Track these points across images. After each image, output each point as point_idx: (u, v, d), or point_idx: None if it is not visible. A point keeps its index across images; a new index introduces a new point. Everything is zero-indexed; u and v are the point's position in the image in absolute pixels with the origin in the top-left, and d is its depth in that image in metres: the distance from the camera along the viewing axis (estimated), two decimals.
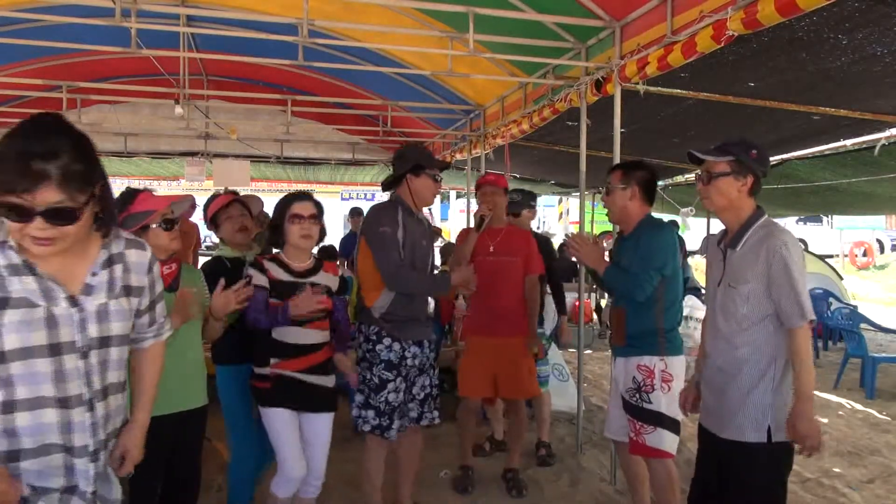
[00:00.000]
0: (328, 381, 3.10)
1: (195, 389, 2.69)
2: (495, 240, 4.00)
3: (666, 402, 3.03)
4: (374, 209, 3.47)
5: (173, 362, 2.54)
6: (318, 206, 3.08)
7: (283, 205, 3.02)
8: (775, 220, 2.57)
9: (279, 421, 2.96)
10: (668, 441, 3.05)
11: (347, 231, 9.19)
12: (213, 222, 3.38)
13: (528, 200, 4.77)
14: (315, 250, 3.31)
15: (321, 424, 3.09)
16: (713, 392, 2.60)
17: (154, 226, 2.51)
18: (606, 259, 3.34)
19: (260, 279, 2.94)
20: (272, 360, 2.95)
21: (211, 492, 3.74)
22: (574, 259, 4.11)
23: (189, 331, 2.61)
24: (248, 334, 3.01)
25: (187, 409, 2.63)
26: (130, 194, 2.55)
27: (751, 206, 2.52)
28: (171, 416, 2.54)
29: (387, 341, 3.28)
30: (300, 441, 3.01)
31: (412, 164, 3.35)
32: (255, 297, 2.89)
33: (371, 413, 3.28)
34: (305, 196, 3.06)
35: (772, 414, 2.42)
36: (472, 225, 4.06)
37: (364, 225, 3.40)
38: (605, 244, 3.62)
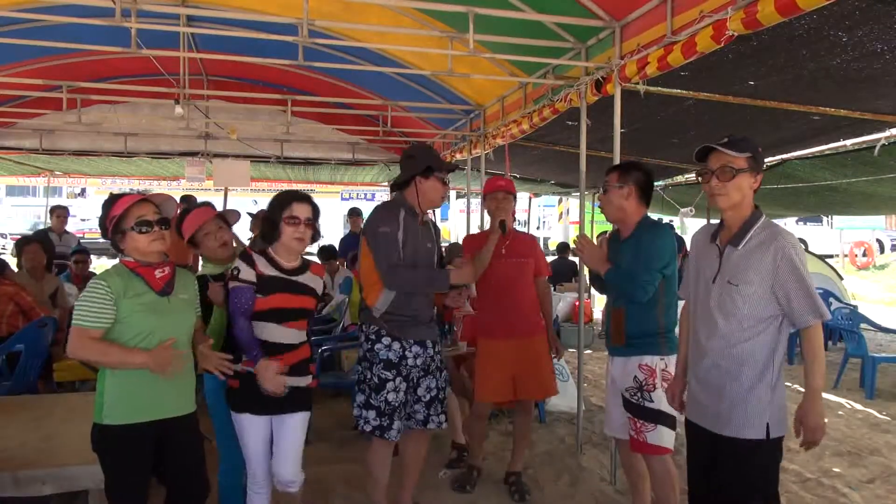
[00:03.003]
0: (303, 381, 3.01)
1: (184, 396, 2.65)
2: (506, 243, 3.99)
3: (665, 400, 3.07)
4: (376, 209, 3.45)
5: None
6: (316, 208, 3.02)
7: (282, 202, 2.94)
8: (774, 221, 2.57)
9: (249, 427, 2.91)
10: (667, 438, 3.11)
11: (347, 231, 9.19)
12: (191, 241, 3.23)
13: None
14: (315, 249, 3.29)
15: (293, 425, 2.98)
16: (709, 390, 2.59)
17: (131, 229, 2.49)
18: None
19: (247, 273, 2.86)
20: (244, 357, 2.86)
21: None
22: (575, 259, 4.07)
23: (179, 338, 2.58)
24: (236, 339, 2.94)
25: (176, 416, 2.59)
26: (111, 200, 2.55)
27: (751, 205, 2.55)
28: (159, 422, 2.53)
29: (386, 340, 3.27)
30: (270, 444, 2.98)
31: (423, 167, 3.33)
32: (242, 291, 2.83)
33: (372, 413, 3.26)
34: (304, 197, 3.00)
35: (770, 411, 2.44)
36: (475, 227, 4.04)
37: (365, 225, 3.39)
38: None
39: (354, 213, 9.41)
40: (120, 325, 2.46)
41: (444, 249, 7.02)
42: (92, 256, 7.56)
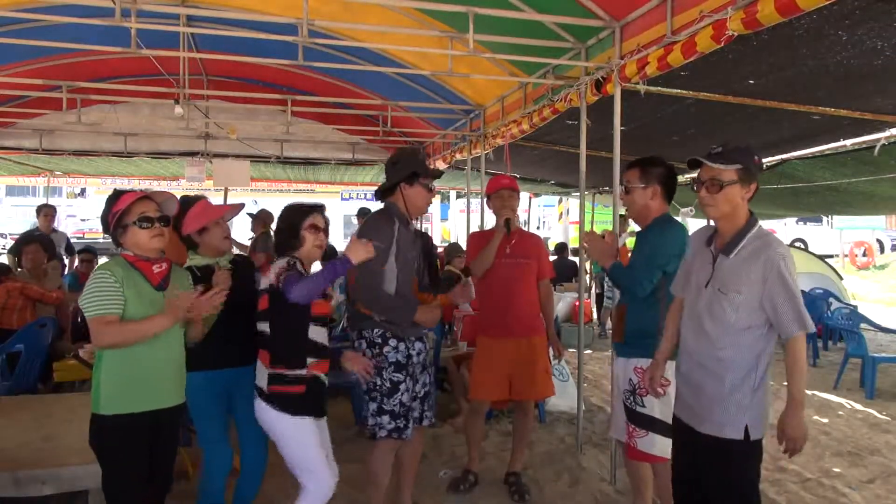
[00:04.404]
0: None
1: (175, 387, 2.68)
2: (510, 242, 3.99)
3: (660, 406, 3.00)
4: (372, 219, 3.43)
5: (155, 360, 2.56)
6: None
7: (304, 212, 2.99)
8: (771, 226, 2.57)
9: (309, 433, 2.82)
10: (659, 445, 3.02)
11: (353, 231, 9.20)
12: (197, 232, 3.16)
13: None
14: None
15: (325, 427, 3.02)
16: (691, 387, 2.60)
17: (133, 224, 2.52)
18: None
19: (300, 267, 2.89)
20: (309, 361, 2.84)
21: (181, 482, 3.71)
22: (575, 259, 4.08)
23: (171, 330, 2.60)
24: (225, 340, 2.96)
25: (167, 407, 2.62)
26: (115, 195, 2.57)
27: (746, 213, 2.52)
28: (151, 413, 2.55)
29: (393, 342, 3.25)
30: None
31: (407, 173, 3.29)
32: (291, 276, 2.75)
33: (386, 418, 3.23)
34: (323, 208, 3.07)
35: (750, 413, 2.44)
36: (475, 227, 4.04)
37: (362, 233, 3.32)
38: (620, 240, 3.56)
39: (363, 213, 9.39)
40: None
41: (443, 249, 7.04)
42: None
